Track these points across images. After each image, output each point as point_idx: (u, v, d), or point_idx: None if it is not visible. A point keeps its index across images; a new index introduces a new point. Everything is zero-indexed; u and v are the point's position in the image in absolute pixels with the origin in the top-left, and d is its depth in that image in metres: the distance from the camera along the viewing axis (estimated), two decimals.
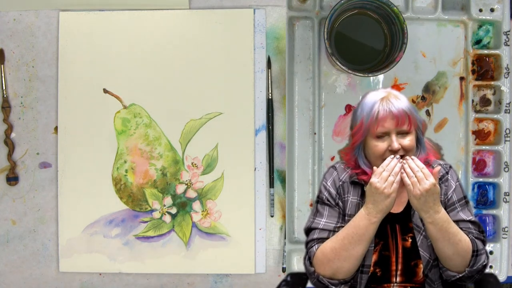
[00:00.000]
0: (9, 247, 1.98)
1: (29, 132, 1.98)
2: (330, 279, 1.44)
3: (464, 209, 1.51)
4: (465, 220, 1.49)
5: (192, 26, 1.96)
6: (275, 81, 1.98)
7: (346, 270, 1.43)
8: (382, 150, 1.46)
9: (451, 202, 1.51)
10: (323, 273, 1.45)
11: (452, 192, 1.52)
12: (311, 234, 1.52)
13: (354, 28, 1.93)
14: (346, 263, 1.43)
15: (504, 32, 1.93)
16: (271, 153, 1.97)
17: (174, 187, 1.97)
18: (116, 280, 1.98)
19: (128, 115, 1.97)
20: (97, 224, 1.96)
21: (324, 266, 1.45)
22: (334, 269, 1.44)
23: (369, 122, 1.47)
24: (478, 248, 1.44)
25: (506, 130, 1.94)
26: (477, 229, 1.49)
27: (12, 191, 1.98)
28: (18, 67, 1.98)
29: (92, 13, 1.97)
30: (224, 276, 1.98)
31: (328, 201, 1.54)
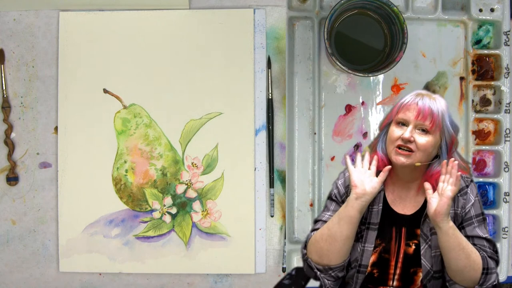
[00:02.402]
0: (9, 247, 1.98)
1: (29, 132, 1.98)
2: (317, 264, 1.48)
3: (481, 225, 1.50)
4: (481, 237, 1.47)
5: (192, 26, 1.96)
6: (275, 81, 1.98)
7: (327, 252, 1.46)
8: (396, 136, 1.46)
9: (469, 217, 1.49)
10: (310, 256, 1.49)
11: (471, 206, 1.50)
12: (315, 225, 1.56)
13: (354, 28, 1.93)
14: (327, 245, 1.46)
15: (504, 32, 1.93)
16: (271, 153, 1.97)
17: (174, 187, 1.97)
18: (116, 280, 1.98)
19: (128, 115, 1.97)
20: (97, 224, 1.96)
21: (312, 248, 1.49)
22: (318, 250, 1.47)
23: (396, 107, 1.49)
24: (489, 266, 1.43)
25: (506, 130, 1.94)
26: (491, 248, 1.48)
27: (12, 191, 1.98)
28: (18, 67, 1.98)
29: (92, 13, 1.97)
30: (224, 276, 1.98)
31: (336, 198, 1.56)
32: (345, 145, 1.97)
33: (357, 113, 1.97)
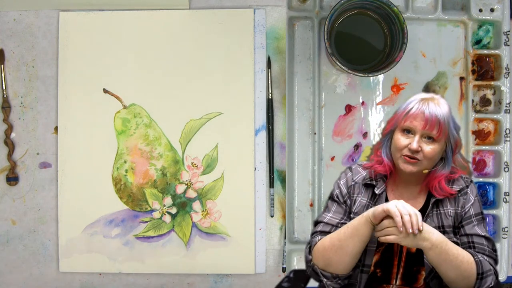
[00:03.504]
0: (9, 247, 1.98)
1: (29, 132, 1.98)
2: (323, 270, 1.47)
3: (480, 224, 1.50)
4: (480, 235, 1.48)
5: (192, 26, 1.96)
6: (275, 81, 1.98)
7: (335, 264, 1.45)
8: (403, 145, 1.46)
9: (468, 215, 1.50)
10: (317, 263, 1.48)
11: (470, 206, 1.51)
12: (317, 227, 1.55)
13: (354, 28, 1.93)
14: (337, 256, 1.44)
15: (504, 32, 1.93)
16: (271, 153, 1.97)
17: (174, 187, 1.97)
18: (116, 280, 1.98)
19: (128, 115, 1.97)
20: (97, 224, 1.96)
21: (319, 256, 1.47)
22: (326, 260, 1.46)
23: (401, 114, 1.49)
24: (484, 270, 1.43)
25: (506, 130, 1.94)
26: (490, 247, 1.48)
27: (12, 191, 1.98)
28: (18, 67, 1.98)
29: (92, 13, 1.97)
30: (224, 276, 1.98)
31: (338, 198, 1.56)
32: (345, 145, 1.97)
33: (357, 113, 1.97)
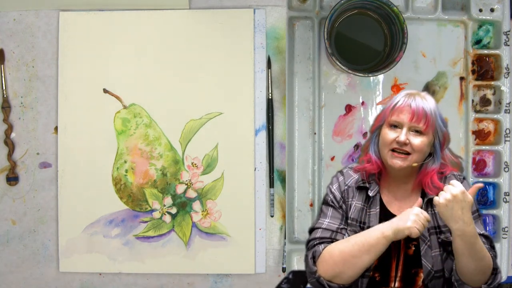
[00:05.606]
0: (9, 247, 1.98)
1: (29, 132, 1.98)
2: (330, 282, 1.44)
3: (477, 222, 1.49)
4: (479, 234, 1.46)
5: (192, 26, 1.96)
6: (275, 81, 1.98)
7: (347, 277, 1.42)
8: (390, 139, 1.46)
9: None
10: (324, 275, 1.44)
11: None
12: (314, 233, 1.51)
13: (354, 28, 1.93)
14: (350, 271, 1.41)
15: (504, 32, 1.93)
16: (271, 153, 1.97)
17: (174, 187, 1.97)
18: (116, 280, 1.98)
19: (128, 115, 1.97)
20: (97, 224, 1.96)
21: (327, 268, 1.44)
22: (336, 273, 1.43)
23: (387, 109, 1.49)
24: (498, 266, 1.43)
25: (506, 130, 1.94)
26: (489, 244, 1.48)
27: (12, 191, 1.98)
28: (18, 67, 1.98)
29: (92, 13, 1.97)
30: (224, 276, 1.98)
31: (333, 203, 1.54)
32: (345, 145, 1.97)
33: (357, 113, 1.97)
